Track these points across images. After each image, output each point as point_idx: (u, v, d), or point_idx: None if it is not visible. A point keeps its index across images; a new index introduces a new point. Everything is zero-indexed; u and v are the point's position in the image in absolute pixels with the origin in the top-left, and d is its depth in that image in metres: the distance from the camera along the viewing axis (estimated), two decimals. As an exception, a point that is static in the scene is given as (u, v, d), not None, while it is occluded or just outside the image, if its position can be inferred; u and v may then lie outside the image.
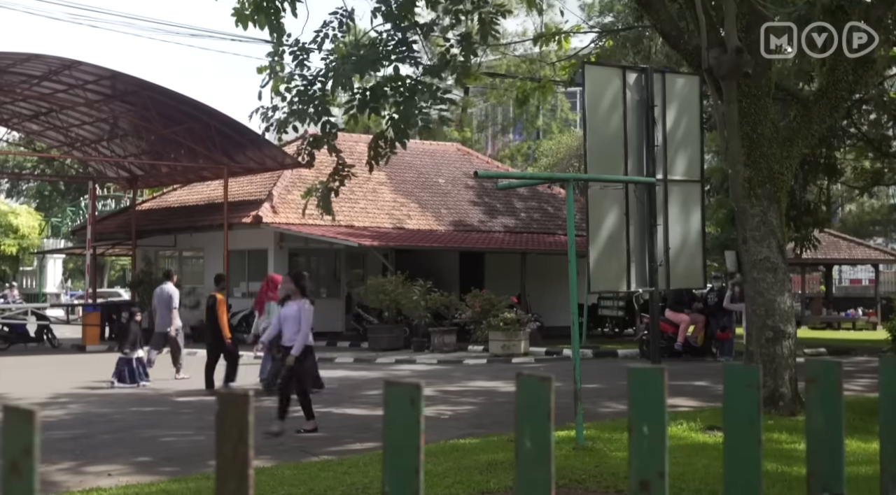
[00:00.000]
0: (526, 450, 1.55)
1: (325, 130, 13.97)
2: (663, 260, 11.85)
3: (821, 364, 1.69)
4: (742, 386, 1.59)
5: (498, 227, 33.02)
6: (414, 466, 1.54)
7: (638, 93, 11.71)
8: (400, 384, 1.63)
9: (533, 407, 1.55)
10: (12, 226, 56.39)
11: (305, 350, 12.62)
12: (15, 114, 30.41)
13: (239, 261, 29.96)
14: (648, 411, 1.57)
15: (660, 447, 1.57)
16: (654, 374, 1.57)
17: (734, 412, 1.62)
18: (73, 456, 11.15)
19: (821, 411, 1.66)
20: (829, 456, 1.66)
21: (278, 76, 13.34)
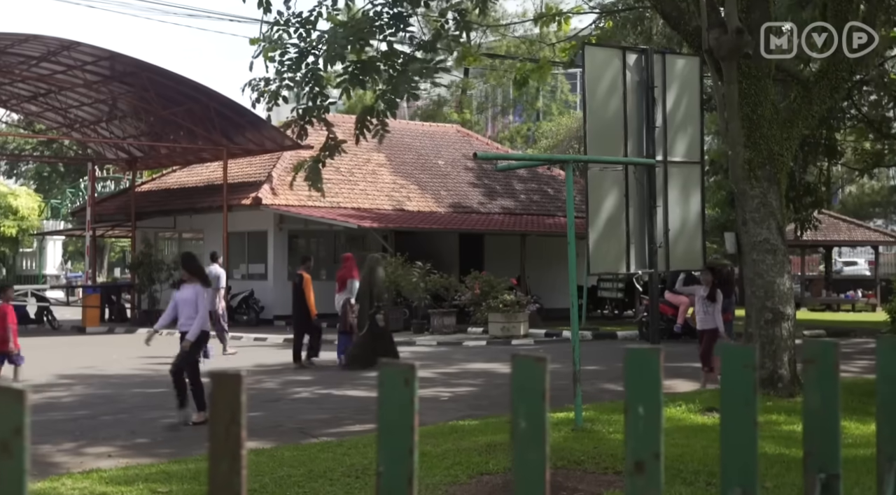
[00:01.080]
0: (521, 431, 1.55)
1: (317, 103, 13.88)
2: (663, 241, 11.84)
3: (819, 344, 1.68)
4: (738, 366, 1.59)
5: (497, 209, 33.00)
6: (408, 446, 1.54)
7: (638, 74, 11.68)
8: (394, 364, 1.62)
9: (527, 388, 1.55)
10: (12, 208, 56.33)
11: (202, 335, 12.15)
12: (13, 95, 30.34)
13: (239, 242, 29.96)
14: (644, 392, 1.57)
15: (655, 428, 1.56)
16: (650, 355, 1.56)
17: (730, 393, 1.62)
18: (73, 437, 11.18)
19: (818, 391, 1.65)
20: (825, 436, 1.65)
21: (270, 44, 13.25)
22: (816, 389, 1.65)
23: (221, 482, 1.50)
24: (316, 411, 12.94)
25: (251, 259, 30.22)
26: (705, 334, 14.65)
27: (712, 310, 14.42)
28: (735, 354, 1.62)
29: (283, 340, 24.31)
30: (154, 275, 29.81)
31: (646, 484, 1.54)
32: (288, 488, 7.87)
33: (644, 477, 1.54)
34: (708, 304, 14.47)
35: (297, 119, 15.02)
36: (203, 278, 12.38)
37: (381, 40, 13.14)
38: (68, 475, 8.68)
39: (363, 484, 8.00)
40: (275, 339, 24.51)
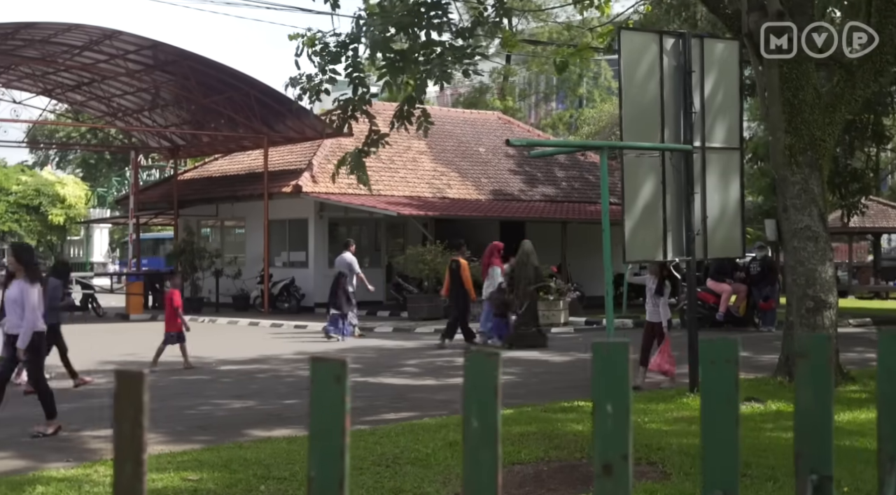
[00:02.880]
0: (472, 430, 1.47)
1: (358, 94, 13.84)
2: (700, 229, 11.66)
3: (811, 338, 1.59)
4: (720, 361, 1.50)
5: (538, 196, 32.82)
6: (338, 449, 1.46)
7: (675, 58, 11.49)
8: (325, 359, 1.55)
9: (480, 385, 1.47)
10: (59, 196, 57.04)
11: (35, 337, 10.40)
12: (58, 84, 30.64)
13: (279, 230, 30.06)
14: (612, 388, 1.49)
15: (623, 427, 1.48)
16: (618, 349, 1.48)
17: (711, 390, 1.53)
18: (109, 423, 11.19)
19: (810, 388, 1.56)
20: (817, 435, 1.56)
21: (310, 37, 13.21)
22: (809, 386, 1.56)
23: (125, 486, 1.43)
24: (354, 399, 12.93)
25: (292, 247, 30.31)
26: (653, 327, 13.60)
27: (660, 303, 13.44)
28: (716, 349, 1.54)
29: (321, 328, 24.37)
30: (196, 262, 30.01)
31: (614, 487, 1.46)
32: (318, 476, 7.84)
33: (612, 480, 1.46)
34: (656, 297, 13.50)
35: (338, 110, 15.01)
36: (32, 274, 10.50)
37: (421, 29, 13.04)
38: (102, 461, 8.72)
39: (393, 473, 7.97)
40: (314, 327, 24.54)
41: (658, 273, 13.42)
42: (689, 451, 8.54)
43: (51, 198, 56.93)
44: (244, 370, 16.22)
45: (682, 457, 8.34)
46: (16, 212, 56.70)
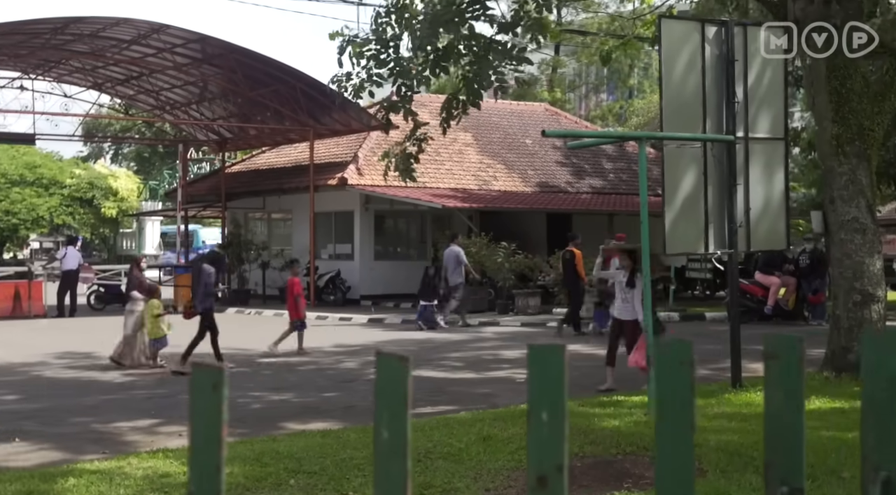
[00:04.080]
0: (383, 440, 1.37)
1: (401, 93, 13.79)
2: (743, 221, 11.44)
3: (781, 338, 1.47)
4: (674, 363, 1.39)
5: (586, 188, 32.57)
6: (214, 463, 1.35)
7: (717, 47, 11.26)
8: (205, 365, 1.45)
9: (390, 392, 1.37)
10: (112, 189, 57.72)
11: None
12: (108, 78, 30.93)
13: (326, 222, 30.11)
14: (548, 394, 1.38)
15: (559, 437, 1.38)
16: (554, 352, 1.37)
17: (666, 394, 1.42)
18: (149, 415, 11.31)
19: (780, 392, 1.45)
20: (788, 444, 1.45)
21: (354, 41, 13.16)
22: (779, 390, 1.45)
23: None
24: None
25: (338, 239, 30.36)
26: (623, 325, 12.70)
27: (631, 298, 12.49)
28: (670, 350, 1.42)
29: (367, 320, 24.40)
30: (243, 255, 30.18)
31: (548, 502, 1.35)
32: (348, 470, 7.80)
33: (547, 493, 1.35)
34: (627, 291, 12.61)
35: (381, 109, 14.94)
36: None
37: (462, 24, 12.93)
38: (135, 454, 8.76)
39: (423, 467, 7.88)
40: (359, 319, 24.59)
41: (629, 265, 12.61)
42: (726, 448, 8.38)
43: (104, 191, 57.62)
44: (285, 362, 16.24)
45: (720, 454, 8.18)
46: (70, 205, 57.47)
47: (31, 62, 29.35)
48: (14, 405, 12.24)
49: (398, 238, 31.52)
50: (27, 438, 10.03)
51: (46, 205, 56.47)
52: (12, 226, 56.54)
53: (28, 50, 27.69)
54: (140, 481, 7.58)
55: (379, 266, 29.53)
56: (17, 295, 26.04)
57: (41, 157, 59.30)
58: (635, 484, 7.44)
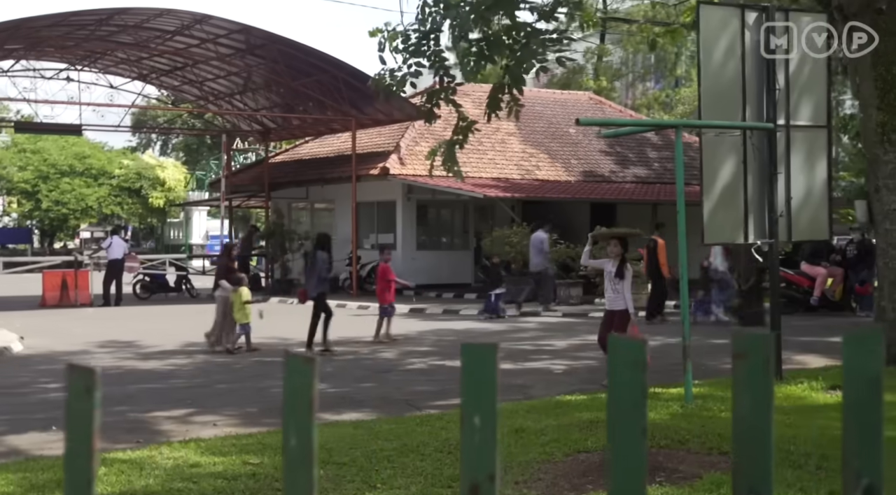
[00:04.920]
0: (291, 448, 1.29)
1: (443, 84, 13.68)
2: (784, 210, 11.22)
3: (750, 336, 1.37)
4: (626, 363, 1.29)
5: (630, 178, 32.29)
6: (86, 477, 1.26)
7: (758, 33, 11.04)
8: (79, 368, 1.36)
9: (298, 396, 1.29)
10: (160, 180, 58.30)
11: None
12: (153, 69, 31.15)
13: (368, 212, 30.13)
14: (480, 398, 1.29)
15: (491, 443, 1.29)
16: (486, 351, 1.28)
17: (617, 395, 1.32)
18: (185, 404, 11.35)
19: (748, 394, 1.35)
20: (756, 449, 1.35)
21: (393, 33, 13.07)
22: (747, 391, 1.35)
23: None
24: (426, 382, 12.84)
25: (380, 229, 30.37)
26: (614, 316, 12.26)
27: (621, 288, 12.11)
28: (622, 348, 1.33)
29: (408, 310, 24.36)
30: (286, 244, 30.29)
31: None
32: (378, 462, 7.75)
33: (478, 505, 1.27)
34: (616, 282, 12.17)
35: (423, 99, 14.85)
36: None
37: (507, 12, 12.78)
38: (167, 444, 8.77)
39: (454, 459, 7.80)
40: (401, 309, 24.50)
41: (619, 254, 12.24)
42: (798, 440, 8.20)
43: (151, 182, 58.23)
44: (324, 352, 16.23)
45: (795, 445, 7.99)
46: (118, 195, 58.16)
47: (77, 54, 29.64)
48: (53, 393, 12.35)
49: (440, 228, 31.47)
50: (60, 427, 10.09)
51: (95, 195, 57.18)
52: (62, 215, 57.33)
53: (74, 41, 27.96)
54: (169, 471, 7.58)
55: (421, 256, 29.49)
56: (65, 284, 26.35)
57: (90, 148, 60.02)
58: (668, 478, 7.31)
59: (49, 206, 56.56)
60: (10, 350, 16.24)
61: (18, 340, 17.19)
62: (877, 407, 1.30)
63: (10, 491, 7.01)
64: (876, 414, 1.30)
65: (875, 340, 1.34)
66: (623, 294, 12.09)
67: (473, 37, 13.13)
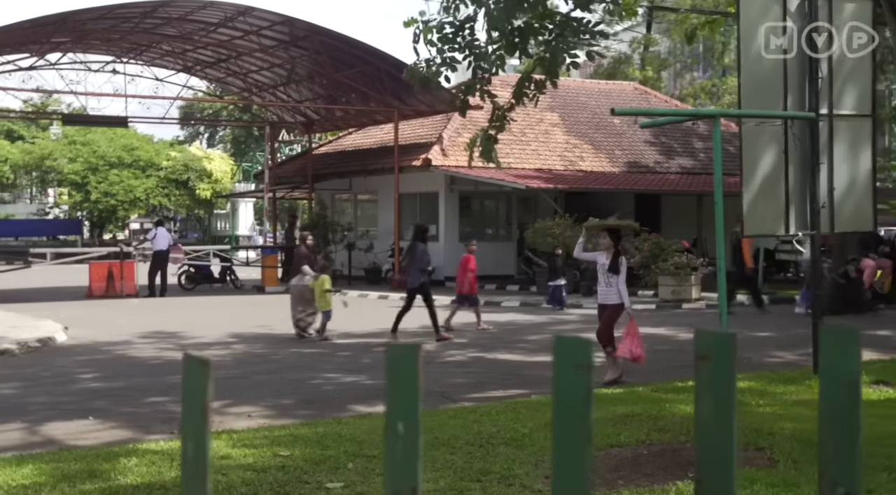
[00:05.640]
0: (188, 458, 1.22)
1: (477, 76, 13.58)
2: (826, 201, 10.99)
3: (712, 335, 1.28)
4: (569, 366, 1.21)
5: (675, 168, 31.96)
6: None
7: (800, 20, 10.81)
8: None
9: (193, 400, 1.22)
10: (206, 171, 58.70)
11: None
12: (197, 61, 31.33)
13: (410, 204, 30.10)
14: (404, 403, 1.21)
15: (414, 452, 1.21)
16: (408, 353, 1.20)
17: (561, 400, 1.24)
18: (221, 395, 11.33)
19: (710, 397, 1.26)
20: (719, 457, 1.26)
21: (427, 27, 12.99)
22: (709, 394, 1.26)
23: None
24: (463, 375, 12.77)
25: (423, 220, 30.27)
26: (606, 310, 11.99)
27: (615, 282, 11.82)
28: (566, 349, 1.24)
29: (450, 302, 24.27)
30: (329, 236, 30.35)
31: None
32: (407, 455, 7.69)
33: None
34: (610, 275, 11.86)
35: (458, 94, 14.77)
36: None
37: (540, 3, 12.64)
38: (200, 434, 8.77)
39: (485, 453, 7.74)
40: (443, 301, 24.46)
41: (612, 247, 11.92)
42: (801, 437, 8.04)
43: (198, 173, 58.64)
44: (363, 343, 16.26)
45: (793, 444, 7.85)
46: (165, 186, 58.63)
47: (122, 46, 29.88)
48: (93, 383, 12.46)
49: (483, 219, 31.36)
50: (100, 416, 10.18)
51: (143, 186, 57.69)
52: (111, 206, 57.93)
53: (119, 34, 28.18)
54: (200, 462, 7.57)
55: (464, 247, 29.37)
56: (111, 275, 26.60)
57: (138, 140, 60.58)
58: (701, 473, 7.17)
59: (98, 198, 57.16)
60: (53, 340, 16.41)
61: (63, 331, 17.36)
62: (854, 412, 1.21)
63: (41, 481, 7.05)
64: (854, 419, 1.21)
65: (852, 339, 1.25)
66: (617, 287, 11.84)
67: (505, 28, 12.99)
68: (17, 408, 10.64)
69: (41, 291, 27.80)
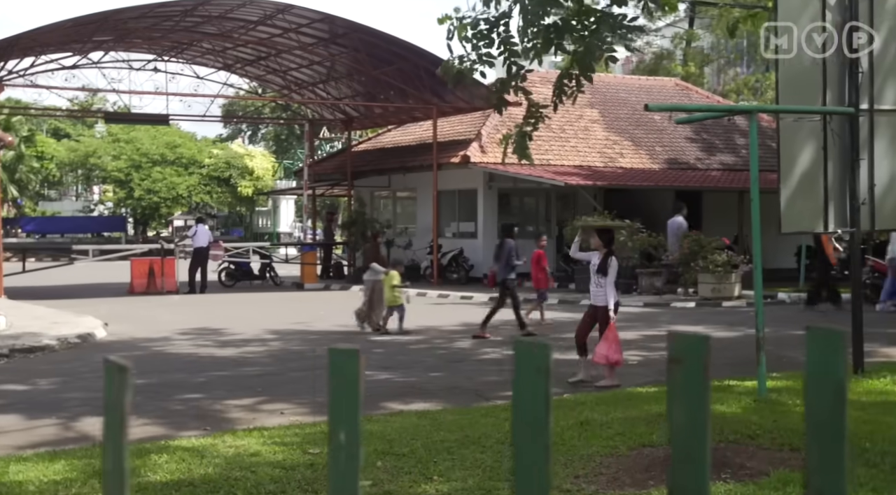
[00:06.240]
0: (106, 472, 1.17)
1: (512, 72, 13.47)
2: (867, 198, 10.80)
3: (686, 338, 1.22)
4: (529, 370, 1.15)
5: (717, 165, 31.63)
6: None
7: (840, 14, 10.63)
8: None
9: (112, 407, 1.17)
10: (248, 169, 59.09)
11: None
12: (237, 59, 31.49)
13: (449, 201, 30.05)
14: (344, 411, 1.16)
15: (354, 462, 1.15)
16: (348, 357, 1.15)
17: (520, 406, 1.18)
18: (255, 392, 11.40)
19: (684, 403, 1.20)
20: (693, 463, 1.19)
21: (462, 24, 12.90)
22: (683, 400, 1.20)
23: None
24: (497, 372, 12.71)
25: (461, 217, 30.27)
26: (597, 312, 11.79)
27: (605, 283, 11.54)
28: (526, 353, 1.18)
29: (488, 299, 24.20)
30: (368, 233, 30.34)
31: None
32: (437, 453, 7.65)
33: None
34: (600, 276, 11.59)
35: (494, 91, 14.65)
36: None
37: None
38: (231, 432, 8.79)
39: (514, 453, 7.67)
40: (480, 298, 24.44)
41: (602, 246, 11.67)
42: (876, 437, 7.90)
43: (240, 171, 59.05)
44: (399, 340, 16.24)
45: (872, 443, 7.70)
46: (207, 184, 59.12)
47: (163, 44, 30.10)
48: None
49: (522, 216, 31.19)
50: (134, 412, 10.19)
51: (185, 183, 58.21)
52: (153, 203, 58.47)
53: (160, 32, 28.39)
54: (229, 459, 7.59)
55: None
56: (152, 271, 26.82)
57: (180, 137, 61.10)
58: (734, 474, 7.07)
59: (141, 195, 57.73)
60: (93, 336, 16.56)
61: (102, 327, 17.51)
62: (840, 418, 1.14)
63: (72, 477, 7.09)
64: (840, 426, 1.14)
65: (838, 340, 1.18)
66: (605, 289, 11.57)
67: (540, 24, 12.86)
68: (54, 404, 10.74)
69: (84, 287, 28.09)
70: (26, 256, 30.91)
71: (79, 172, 68.31)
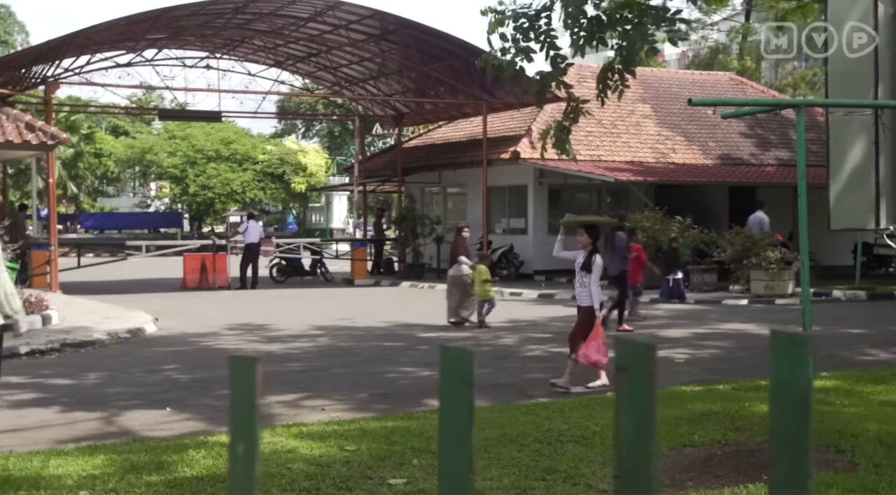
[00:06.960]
0: None
1: (554, 65, 13.34)
2: (920, 194, 10.54)
3: (632, 345, 1.14)
4: (454, 381, 1.07)
5: (771, 160, 31.16)
6: None
7: (892, 5, 10.38)
8: None
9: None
10: (301, 165, 59.41)
11: None
12: (289, 56, 31.63)
13: (499, 197, 29.94)
14: (244, 422, 1.09)
15: (250, 475, 1.08)
16: (247, 365, 1.08)
17: (448, 419, 1.11)
18: (297, 388, 11.40)
19: (630, 412, 1.12)
20: (639, 475, 1.12)
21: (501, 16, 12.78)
22: (629, 409, 1.12)
23: None
24: (540, 370, 12.59)
25: (511, 213, 30.14)
26: (580, 312, 11.41)
27: (588, 282, 11.15)
28: (452, 361, 1.11)
29: (537, 295, 24.10)
30: (418, 229, 30.38)
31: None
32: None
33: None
34: (583, 275, 11.21)
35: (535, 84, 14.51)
36: None
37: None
38: (270, 428, 8.78)
39: (553, 450, 7.59)
40: (530, 294, 24.35)
41: (588, 244, 11.28)
42: (886, 440, 7.71)
43: (293, 167, 59.38)
44: (444, 337, 16.19)
45: (877, 446, 7.52)
46: (261, 180, 59.53)
47: (216, 42, 30.33)
48: (176, 374, 12.62)
49: (573, 212, 30.93)
50: (178, 407, 10.28)
51: (239, 179, 58.68)
52: (208, 199, 59.04)
53: (212, 30, 28.61)
54: (266, 455, 7.56)
55: (552, 240, 29.12)
56: (204, 267, 27.06)
57: (235, 134, 61.61)
58: (776, 476, 6.91)
59: (196, 191, 58.30)
60: (143, 331, 16.71)
61: (152, 322, 17.67)
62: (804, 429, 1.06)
63: (109, 471, 7.12)
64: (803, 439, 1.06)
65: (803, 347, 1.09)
66: (590, 288, 11.19)
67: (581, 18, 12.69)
68: (100, 398, 10.83)
69: (138, 283, 28.41)
70: (82, 252, 31.33)
71: (136, 169, 69.23)
